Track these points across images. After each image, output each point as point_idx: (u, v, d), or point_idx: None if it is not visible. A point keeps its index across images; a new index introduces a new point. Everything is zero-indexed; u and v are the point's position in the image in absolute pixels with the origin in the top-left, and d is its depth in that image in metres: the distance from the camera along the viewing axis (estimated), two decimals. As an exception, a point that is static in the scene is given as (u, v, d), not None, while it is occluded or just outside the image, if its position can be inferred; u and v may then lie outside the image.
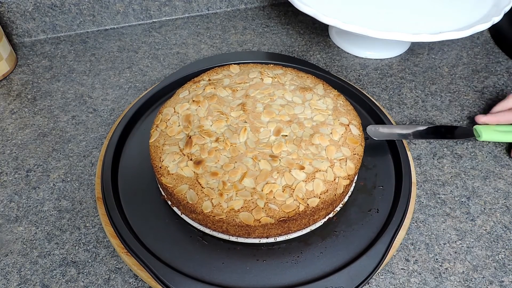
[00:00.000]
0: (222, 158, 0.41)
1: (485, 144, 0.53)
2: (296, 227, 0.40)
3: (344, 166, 0.41)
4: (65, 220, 0.46)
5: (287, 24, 0.76)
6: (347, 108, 0.48)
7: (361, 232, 0.42)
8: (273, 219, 0.37)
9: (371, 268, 0.38)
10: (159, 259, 0.39)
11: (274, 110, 0.45)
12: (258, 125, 0.44)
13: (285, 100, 0.47)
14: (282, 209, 0.37)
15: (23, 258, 0.42)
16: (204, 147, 0.41)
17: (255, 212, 0.37)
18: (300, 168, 0.40)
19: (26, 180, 0.50)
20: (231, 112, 0.45)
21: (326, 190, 0.39)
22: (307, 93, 0.48)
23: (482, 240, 0.44)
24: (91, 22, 0.72)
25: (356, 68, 0.66)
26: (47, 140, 0.54)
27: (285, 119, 0.44)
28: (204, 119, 0.44)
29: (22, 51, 0.69)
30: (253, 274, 0.39)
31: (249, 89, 0.48)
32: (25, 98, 0.60)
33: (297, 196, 0.38)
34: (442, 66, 0.66)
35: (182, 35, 0.73)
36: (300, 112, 0.45)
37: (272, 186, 0.38)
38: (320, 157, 0.41)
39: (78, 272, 0.41)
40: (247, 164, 0.40)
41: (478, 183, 0.49)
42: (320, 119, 0.45)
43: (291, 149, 0.41)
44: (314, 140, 0.42)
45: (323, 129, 0.44)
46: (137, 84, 0.63)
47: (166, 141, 0.43)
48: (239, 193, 0.38)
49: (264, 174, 0.39)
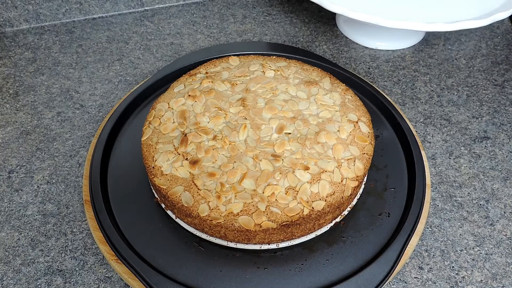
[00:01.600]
0: (220, 158, 0.41)
1: (506, 143, 0.53)
2: (300, 232, 0.40)
3: (352, 166, 0.41)
4: (50, 225, 0.46)
5: (290, 12, 0.76)
6: (356, 104, 0.48)
7: (371, 238, 0.42)
8: (275, 224, 0.37)
9: (381, 277, 0.38)
10: (152, 266, 0.39)
11: (276, 105, 0.45)
12: (259, 122, 0.44)
13: (289, 95, 0.47)
14: (285, 213, 0.37)
15: (5, 266, 0.43)
16: (200, 146, 0.42)
17: (256, 216, 0.37)
18: (305, 168, 0.40)
19: (8, 182, 0.50)
20: (230, 108, 0.45)
21: (332, 192, 0.39)
22: (312, 87, 0.48)
23: (502, 246, 0.44)
24: (77, 10, 0.73)
25: (365, 60, 0.66)
26: (31, 139, 0.55)
27: (289, 115, 0.44)
28: (201, 116, 0.44)
29: (3, 42, 0.69)
30: (253, 283, 0.39)
31: (249, 83, 0.48)
32: (7, 93, 0.61)
33: (301, 198, 0.38)
34: (459, 58, 0.66)
35: (177, 24, 0.73)
36: (305, 108, 0.45)
37: (274, 188, 0.38)
38: (326, 157, 0.41)
39: (65, 281, 0.42)
40: (247, 164, 0.40)
41: (497, 184, 0.49)
42: (327, 115, 0.45)
43: (295, 148, 0.41)
44: (320, 139, 0.42)
45: (329, 127, 0.44)
46: (128, 77, 0.63)
47: (159, 139, 0.43)
48: (239, 195, 0.38)
49: (266, 175, 0.39)
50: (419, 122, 0.56)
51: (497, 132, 0.55)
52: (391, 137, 0.51)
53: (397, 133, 0.51)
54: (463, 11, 0.60)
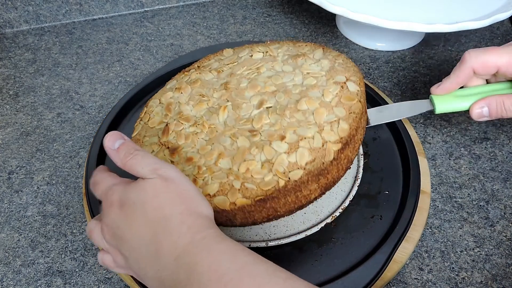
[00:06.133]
0: (199, 142, 0.40)
1: (506, 144, 0.54)
2: (283, 207, 0.37)
3: (335, 128, 0.38)
4: (50, 226, 0.46)
5: (290, 13, 0.76)
6: (347, 66, 0.44)
7: (361, 240, 0.42)
8: (249, 200, 0.35)
9: (368, 279, 0.38)
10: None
11: (259, 83, 0.43)
12: (240, 101, 0.42)
13: (274, 71, 0.44)
14: (260, 188, 0.35)
15: (5, 267, 0.43)
16: (181, 133, 0.41)
17: (231, 194, 0.36)
18: (281, 138, 0.37)
19: (8, 183, 0.50)
20: (214, 94, 0.44)
21: (312, 159, 0.36)
22: (299, 59, 0.45)
23: (502, 247, 0.44)
24: (78, 11, 0.73)
25: (365, 61, 0.66)
26: (31, 140, 0.55)
27: (270, 89, 0.42)
28: (185, 105, 0.44)
29: (3, 43, 0.69)
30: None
31: (235, 68, 0.46)
32: (7, 94, 0.61)
33: (277, 170, 0.36)
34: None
35: (177, 25, 0.73)
36: (289, 80, 0.43)
37: (250, 163, 0.36)
38: (306, 123, 0.38)
39: (65, 282, 0.42)
40: (225, 144, 0.39)
41: (498, 185, 0.49)
42: (311, 82, 0.42)
43: (274, 120, 0.39)
44: (300, 106, 0.39)
45: (312, 93, 0.40)
46: (128, 78, 0.63)
47: (146, 133, 0.43)
48: (214, 176, 0.37)
49: (242, 151, 0.37)
50: (419, 123, 0.56)
51: (497, 133, 0.55)
52: (388, 139, 0.51)
53: (394, 136, 0.51)
54: (463, 12, 0.60)
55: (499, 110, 0.44)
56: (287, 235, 0.42)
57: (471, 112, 0.45)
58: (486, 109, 0.44)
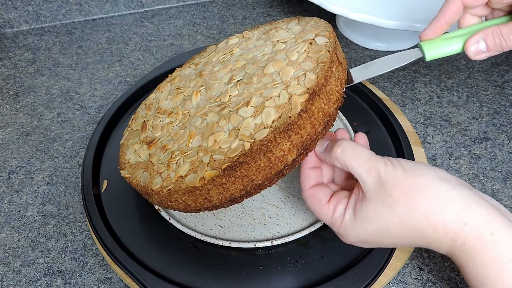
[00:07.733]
0: (174, 129, 0.40)
1: (506, 144, 0.54)
2: (257, 174, 0.35)
3: (302, 81, 0.36)
4: (50, 226, 0.46)
5: (290, 13, 0.76)
6: (318, 24, 0.42)
7: None
8: (217, 171, 0.34)
9: (379, 267, 0.38)
10: (148, 268, 0.39)
11: (231, 62, 0.43)
12: (212, 83, 0.42)
13: (245, 49, 0.44)
14: (227, 156, 0.34)
15: (5, 267, 0.43)
16: (157, 126, 0.42)
17: (200, 170, 0.35)
18: (247, 104, 0.37)
19: (8, 183, 0.50)
20: (190, 83, 0.45)
21: (279, 116, 0.35)
22: (271, 32, 0.44)
23: (502, 247, 0.44)
24: (77, 11, 0.73)
25: (365, 60, 0.66)
26: (31, 140, 0.55)
27: (240, 65, 0.42)
28: (164, 101, 0.44)
29: (3, 43, 0.69)
30: (249, 281, 0.39)
31: (211, 57, 0.47)
32: (7, 94, 0.61)
33: (242, 135, 0.35)
34: (459, 59, 0.67)
35: (177, 25, 0.73)
36: (260, 52, 0.42)
37: (217, 135, 0.36)
38: (273, 84, 0.37)
39: (65, 282, 0.42)
40: (195, 125, 0.39)
41: (498, 185, 0.49)
42: (280, 47, 0.41)
43: (241, 90, 0.39)
44: (267, 70, 0.39)
45: (279, 56, 0.40)
46: (128, 78, 0.63)
47: (130, 136, 0.44)
48: (185, 156, 0.37)
49: (211, 126, 0.37)
50: (419, 123, 0.56)
51: (497, 133, 0.55)
52: (384, 137, 0.51)
53: (390, 134, 0.51)
54: (463, 12, 0.60)
55: (497, 41, 0.38)
56: (291, 232, 0.42)
57: (467, 50, 0.39)
58: (483, 44, 0.39)
